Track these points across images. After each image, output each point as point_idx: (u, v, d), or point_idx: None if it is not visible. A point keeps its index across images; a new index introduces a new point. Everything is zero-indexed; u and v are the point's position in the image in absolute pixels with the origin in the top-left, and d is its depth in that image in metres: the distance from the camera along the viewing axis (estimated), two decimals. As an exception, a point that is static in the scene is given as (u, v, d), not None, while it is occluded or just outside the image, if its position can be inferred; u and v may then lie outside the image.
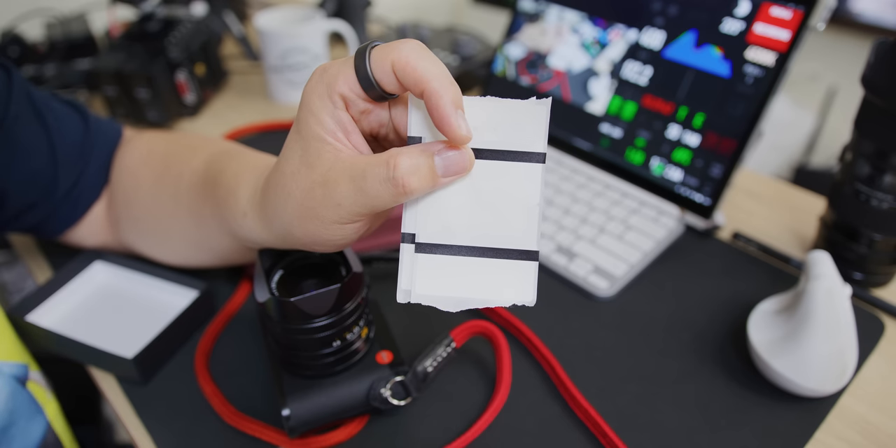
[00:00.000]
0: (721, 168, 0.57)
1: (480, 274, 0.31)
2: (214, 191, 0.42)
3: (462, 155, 0.29)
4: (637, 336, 0.50)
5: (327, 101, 0.30)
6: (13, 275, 0.99)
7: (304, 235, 0.33)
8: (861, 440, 0.42)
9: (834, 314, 0.44)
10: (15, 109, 0.46)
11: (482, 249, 0.31)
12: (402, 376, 0.41)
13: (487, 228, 0.31)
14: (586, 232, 0.59)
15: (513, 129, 0.30)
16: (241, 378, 0.47)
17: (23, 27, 0.90)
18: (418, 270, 0.31)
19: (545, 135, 0.30)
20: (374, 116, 0.32)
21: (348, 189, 0.30)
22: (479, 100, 0.30)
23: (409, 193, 0.29)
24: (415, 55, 0.28)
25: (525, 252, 0.31)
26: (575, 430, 0.43)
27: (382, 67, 0.29)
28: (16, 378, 0.42)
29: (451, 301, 0.31)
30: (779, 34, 0.53)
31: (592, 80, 0.65)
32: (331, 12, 0.94)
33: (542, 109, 0.30)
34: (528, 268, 0.31)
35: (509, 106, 0.30)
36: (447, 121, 0.28)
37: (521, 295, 0.31)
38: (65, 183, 0.50)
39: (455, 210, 0.31)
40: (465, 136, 0.29)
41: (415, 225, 0.31)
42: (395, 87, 0.30)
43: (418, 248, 0.31)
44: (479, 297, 0.31)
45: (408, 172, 0.29)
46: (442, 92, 0.28)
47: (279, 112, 0.85)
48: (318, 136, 0.31)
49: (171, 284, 0.53)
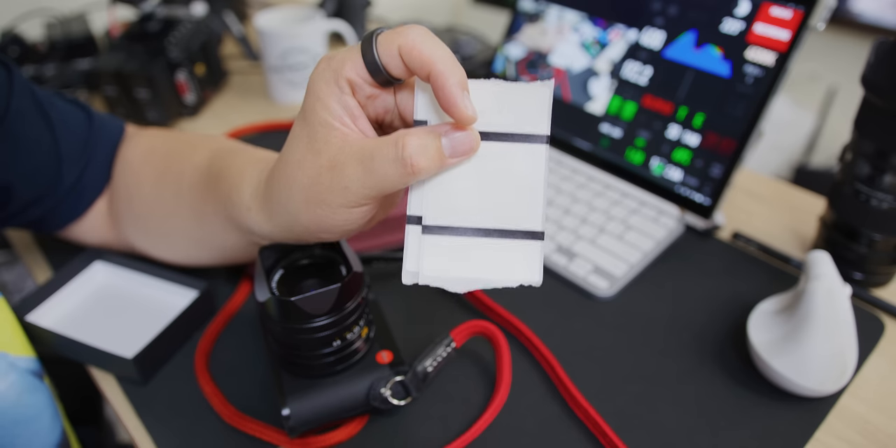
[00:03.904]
0: (721, 168, 0.57)
1: (486, 255, 0.31)
2: (217, 187, 0.42)
3: (468, 135, 0.30)
4: (637, 336, 0.50)
5: (334, 86, 0.31)
6: (13, 275, 0.99)
7: (311, 222, 0.34)
8: (861, 440, 0.42)
9: (834, 314, 0.44)
10: (17, 105, 0.46)
11: (488, 230, 0.31)
12: (402, 376, 0.41)
13: (493, 210, 0.31)
14: (586, 232, 0.59)
15: (516, 111, 0.31)
16: (241, 378, 0.47)
17: (23, 27, 0.90)
18: (425, 252, 0.31)
19: (549, 116, 0.31)
20: (379, 102, 0.33)
21: (356, 171, 0.30)
22: (484, 82, 0.31)
23: (418, 173, 0.30)
24: (421, 39, 0.29)
25: (530, 233, 0.31)
26: (575, 430, 0.43)
27: (389, 52, 0.30)
28: (32, 372, 0.42)
29: (457, 282, 0.31)
30: (779, 34, 0.53)
31: (592, 80, 0.65)
32: (331, 12, 0.94)
33: (545, 91, 0.30)
34: (534, 248, 0.31)
35: (513, 88, 0.30)
36: (454, 101, 0.29)
37: (528, 275, 0.31)
38: (69, 178, 0.50)
39: (460, 192, 0.31)
40: (471, 117, 0.29)
41: (421, 207, 0.31)
42: (401, 72, 0.30)
43: (425, 230, 0.31)
44: (486, 278, 0.31)
45: (416, 152, 0.29)
46: (448, 74, 0.29)
47: (279, 112, 0.85)
48: (326, 121, 0.31)
49: (171, 284, 0.53)
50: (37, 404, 0.41)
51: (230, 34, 0.97)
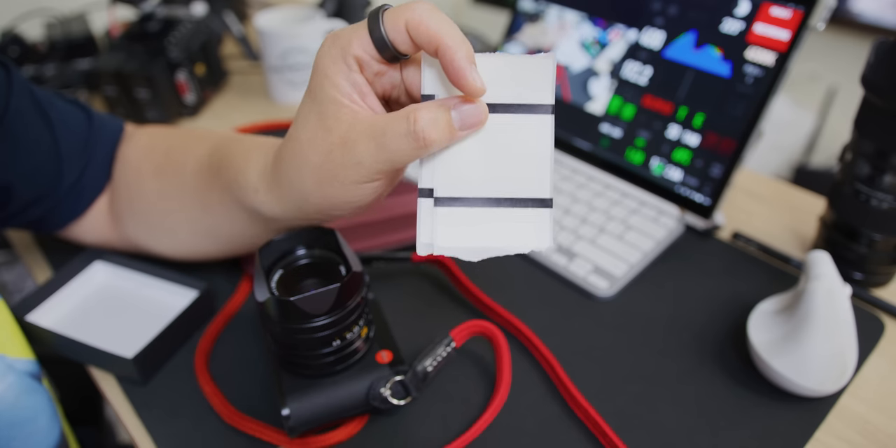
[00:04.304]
0: (721, 168, 0.57)
1: (497, 223, 0.32)
2: (221, 174, 0.42)
3: (477, 108, 0.31)
4: (637, 336, 0.50)
5: (342, 64, 0.31)
6: (13, 275, 0.99)
7: (323, 200, 0.34)
8: (861, 440, 0.42)
9: (834, 314, 0.44)
10: (16, 104, 0.46)
11: (498, 200, 0.32)
12: (402, 376, 0.41)
13: (502, 179, 0.32)
14: (586, 232, 0.59)
15: (522, 82, 0.31)
16: (241, 378, 0.47)
17: (23, 27, 0.90)
18: (438, 223, 0.32)
19: (553, 87, 0.31)
20: (386, 78, 0.33)
21: (368, 147, 0.31)
22: (489, 56, 0.31)
23: (430, 146, 0.30)
24: (428, 14, 0.30)
25: (539, 200, 0.32)
26: (575, 430, 0.43)
27: (396, 27, 0.30)
28: (30, 374, 0.42)
29: (471, 251, 0.32)
30: (779, 34, 0.53)
31: (592, 80, 0.65)
32: (331, 12, 0.94)
33: (548, 62, 0.31)
34: (544, 215, 0.32)
35: (517, 61, 0.31)
36: (462, 74, 0.29)
37: (538, 241, 0.32)
38: (69, 177, 0.50)
39: (470, 163, 0.32)
40: (480, 89, 0.30)
41: (432, 180, 0.32)
42: (408, 47, 0.31)
43: (437, 202, 0.32)
44: (498, 245, 0.32)
45: (428, 125, 0.30)
46: (456, 47, 0.29)
47: (279, 112, 0.85)
48: (335, 98, 0.32)
49: (171, 284, 0.53)
50: (34, 406, 0.41)
51: (230, 34, 0.97)
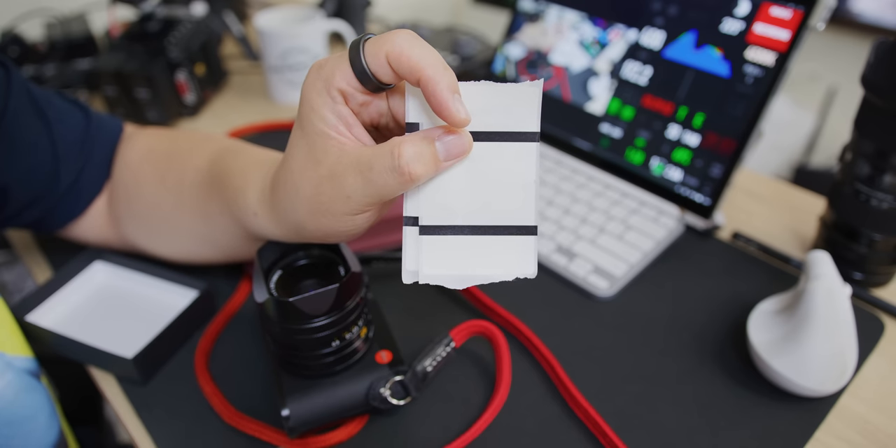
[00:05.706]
0: (721, 168, 0.57)
1: (483, 251, 0.32)
2: (221, 189, 0.42)
3: (461, 138, 0.30)
4: (637, 336, 0.50)
5: (326, 96, 0.31)
6: (13, 275, 0.99)
7: (317, 229, 0.34)
8: (861, 440, 0.42)
9: (834, 314, 0.44)
10: (14, 105, 0.46)
11: (483, 228, 0.32)
12: (402, 376, 0.41)
13: (487, 207, 0.32)
14: (586, 232, 0.59)
15: (507, 111, 0.31)
16: (241, 378, 0.47)
17: (23, 27, 0.90)
18: (423, 251, 0.32)
19: (538, 115, 0.31)
20: (373, 107, 0.33)
21: (356, 181, 0.31)
22: (474, 84, 0.31)
23: (415, 180, 0.30)
24: (408, 45, 0.29)
25: (524, 227, 0.32)
26: (575, 430, 0.43)
27: (377, 59, 0.30)
28: (29, 372, 0.42)
29: (456, 279, 0.32)
30: (779, 34, 0.53)
31: (592, 80, 0.65)
32: (331, 12, 0.94)
33: (534, 91, 0.31)
34: (528, 242, 0.32)
35: (503, 89, 0.31)
36: (445, 106, 0.29)
37: (523, 269, 0.32)
38: (66, 178, 0.50)
39: (455, 191, 0.32)
40: (464, 120, 0.29)
41: (417, 208, 0.32)
42: (391, 78, 0.30)
43: (422, 231, 0.32)
44: (483, 273, 0.32)
45: (412, 160, 0.29)
46: (438, 78, 0.29)
47: (279, 112, 0.85)
48: (322, 131, 0.32)
49: (171, 284, 0.53)
50: (33, 404, 0.41)
51: (230, 34, 0.97)
